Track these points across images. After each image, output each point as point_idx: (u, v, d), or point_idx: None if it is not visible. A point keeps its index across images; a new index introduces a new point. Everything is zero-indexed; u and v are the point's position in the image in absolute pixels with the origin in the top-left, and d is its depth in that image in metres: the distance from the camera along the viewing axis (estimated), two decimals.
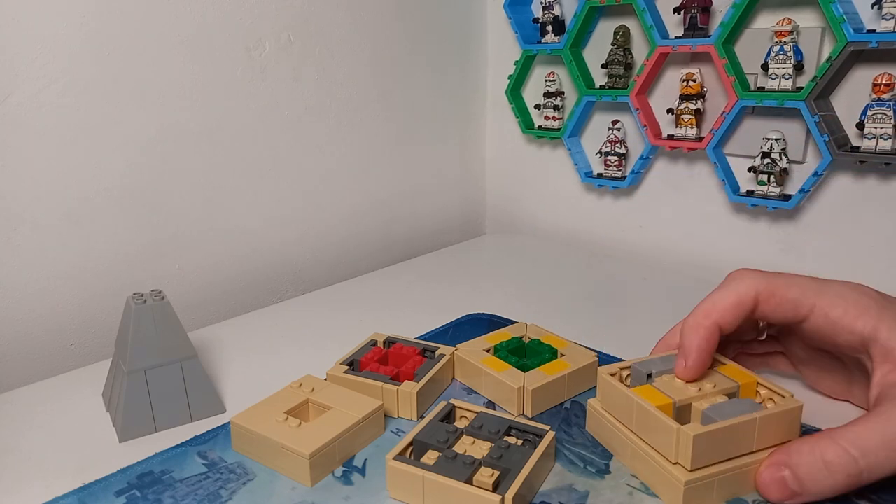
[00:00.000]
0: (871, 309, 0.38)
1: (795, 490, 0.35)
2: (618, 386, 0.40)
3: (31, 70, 0.56)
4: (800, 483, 0.35)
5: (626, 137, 0.84)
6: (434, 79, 0.90)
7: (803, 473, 0.35)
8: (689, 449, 0.35)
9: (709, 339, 0.40)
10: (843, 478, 0.34)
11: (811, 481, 0.35)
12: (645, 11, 0.74)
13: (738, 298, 0.40)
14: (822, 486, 0.35)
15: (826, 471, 0.34)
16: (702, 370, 0.40)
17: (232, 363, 0.56)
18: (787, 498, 0.36)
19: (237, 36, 0.69)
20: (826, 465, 0.34)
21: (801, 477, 0.35)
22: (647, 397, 0.39)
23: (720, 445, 0.36)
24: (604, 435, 0.43)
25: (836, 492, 0.35)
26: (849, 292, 0.39)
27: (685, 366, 0.40)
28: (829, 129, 0.65)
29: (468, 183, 1.00)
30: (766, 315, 0.41)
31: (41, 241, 0.59)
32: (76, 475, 0.41)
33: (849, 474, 0.34)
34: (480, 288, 0.73)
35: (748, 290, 0.40)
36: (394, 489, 0.38)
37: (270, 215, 0.76)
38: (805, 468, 0.35)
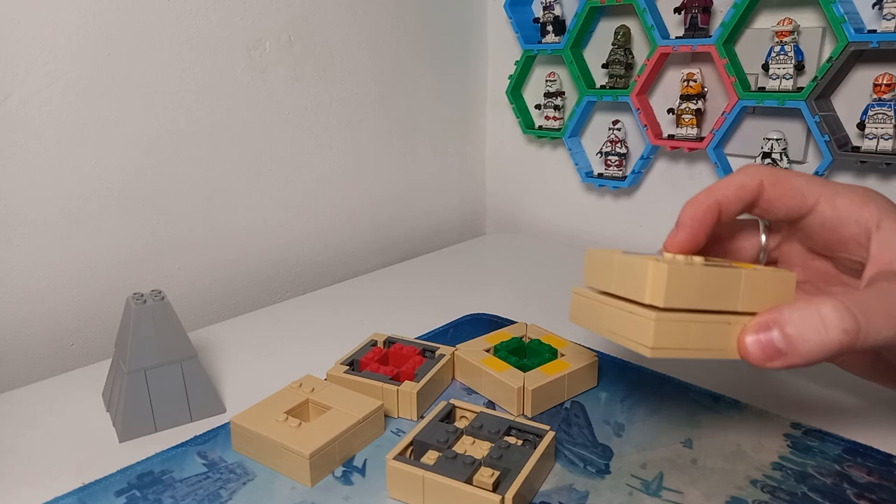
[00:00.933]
0: (875, 200, 0.36)
1: (781, 349, 0.32)
2: (595, 251, 0.37)
3: (31, 70, 0.56)
4: (788, 341, 0.32)
5: (627, 137, 0.84)
6: (434, 79, 0.90)
7: (794, 330, 0.32)
8: (664, 283, 0.32)
9: (706, 213, 0.38)
10: (839, 334, 0.31)
11: (801, 338, 0.31)
12: (645, 11, 0.74)
13: (743, 181, 0.38)
14: (812, 344, 0.31)
15: (821, 324, 0.31)
16: (693, 244, 0.38)
17: (232, 363, 0.56)
18: (770, 358, 0.32)
19: (237, 36, 0.69)
20: (822, 317, 0.31)
21: (790, 335, 0.32)
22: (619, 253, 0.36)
23: (699, 290, 0.33)
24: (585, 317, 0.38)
25: (828, 353, 0.31)
26: (853, 186, 0.38)
27: (677, 236, 0.38)
28: (829, 129, 0.65)
29: (468, 183, 1.00)
30: (771, 203, 0.38)
31: (41, 241, 0.59)
32: (76, 475, 0.41)
33: (845, 330, 0.31)
34: (480, 288, 0.73)
35: (753, 174, 0.38)
36: (394, 489, 0.38)
37: (270, 215, 0.76)
38: (797, 323, 0.32)
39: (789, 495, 0.38)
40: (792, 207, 0.38)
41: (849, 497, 0.37)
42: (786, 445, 0.42)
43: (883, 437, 0.42)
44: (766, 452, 0.41)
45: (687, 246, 0.38)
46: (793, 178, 0.38)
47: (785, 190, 0.38)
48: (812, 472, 0.39)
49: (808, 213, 0.38)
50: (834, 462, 0.40)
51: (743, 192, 0.38)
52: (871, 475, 0.39)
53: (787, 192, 0.38)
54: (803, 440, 0.42)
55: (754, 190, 0.38)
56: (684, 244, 0.38)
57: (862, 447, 0.41)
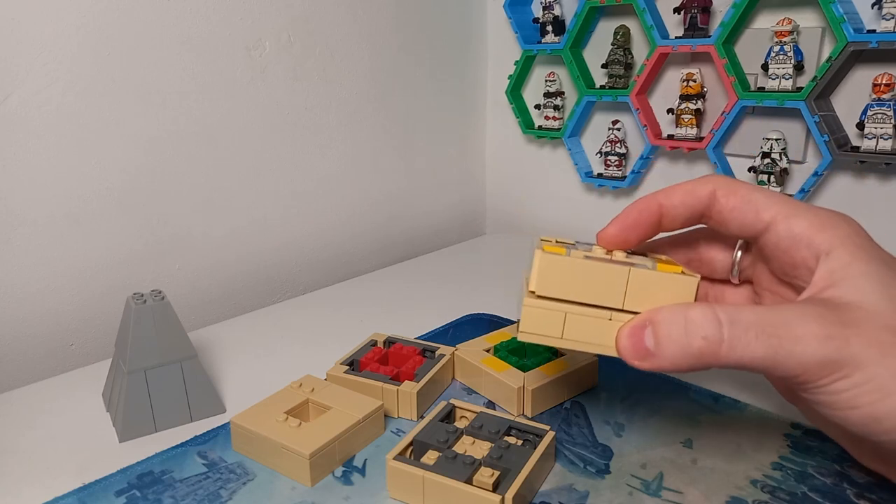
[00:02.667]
0: (835, 226, 0.33)
1: (649, 349, 0.31)
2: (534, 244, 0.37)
3: (32, 70, 0.56)
4: (657, 340, 0.31)
5: (627, 137, 0.84)
6: (434, 79, 0.90)
7: (662, 331, 0.31)
8: (539, 270, 0.33)
9: (641, 210, 0.36)
10: (699, 341, 0.30)
11: (667, 340, 0.31)
12: (645, 11, 0.74)
13: (693, 187, 0.36)
14: (675, 348, 0.31)
15: (684, 328, 0.30)
16: (622, 239, 0.37)
17: (232, 363, 0.56)
18: (639, 357, 0.32)
19: (237, 36, 0.69)
20: (687, 320, 0.30)
21: (659, 334, 0.31)
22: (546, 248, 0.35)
23: (580, 282, 0.33)
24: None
25: (688, 360, 0.30)
26: (818, 209, 0.34)
27: (605, 229, 0.37)
28: (829, 129, 0.65)
29: (468, 183, 1.00)
30: (723, 216, 0.36)
31: (41, 241, 0.59)
32: (76, 475, 0.41)
33: (705, 337, 0.30)
34: (480, 288, 0.73)
35: (706, 182, 0.36)
36: (394, 489, 0.38)
37: (270, 215, 0.76)
38: (665, 325, 0.31)
39: (789, 495, 0.38)
40: (745, 223, 0.36)
41: (849, 497, 0.37)
42: (786, 445, 0.42)
43: None
44: (766, 452, 0.41)
45: (613, 240, 0.37)
46: (751, 192, 0.35)
47: (738, 203, 0.35)
48: (812, 472, 0.39)
49: (763, 231, 0.35)
50: (834, 462, 0.40)
51: (690, 197, 0.36)
52: (871, 475, 0.39)
53: (740, 204, 0.35)
54: (803, 440, 0.43)
55: (704, 198, 0.36)
56: (610, 238, 0.37)
57: None
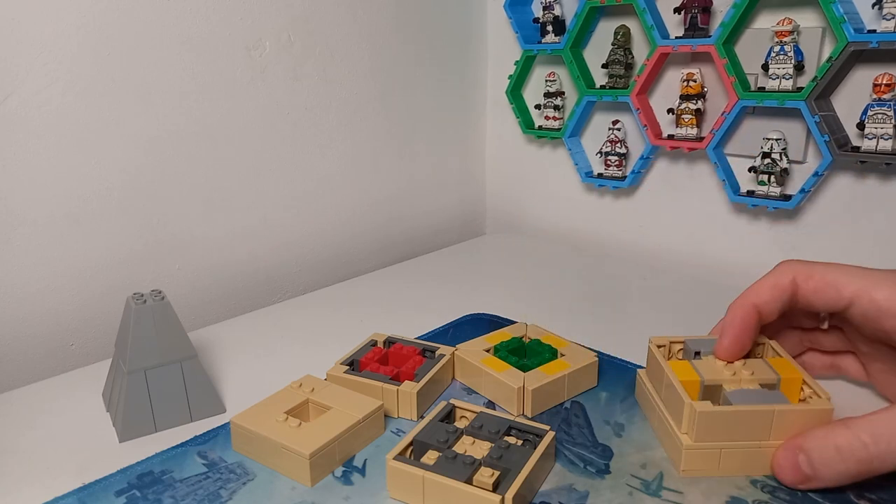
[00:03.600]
0: None
1: (808, 474, 0.36)
2: (658, 357, 0.43)
3: (32, 70, 0.56)
4: (813, 467, 0.35)
5: (627, 137, 0.84)
6: (434, 79, 0.90)
7: (816, 458, 0.35)
8: (695, 423, 0.37)
9: (744, 318, 0.40)
10: (854, 463, 0.34)
11: (823, 466, 0.35)
12: (645, 11, 0.74)
13: (775, 280, 0.40)
14: (833, 472, 0.35)
15: (838, 455, 0.35)
16: (738, 349, 0.41)
17: (232, 363, 0.56)
18: (800, 482, 0.36)
19: (237, 36, 0.69)
20: (837, 449, 0.35)
21: (814, 461, 0.35)
22: (678, 372, 0.40)
23: (730, 428, 0.37)
24: (642, 402, 0.46)
25: (849, 478, 0.35)
26: (892, 274, 0.38)
27: (722, 343, 0.41)
28: (829, 129, 0.65)
29: (468, 183, 1.00)
30: (808, 299, 0.40)
31: (41, 241, 0.59)
32: (76, 475, 0.41)
33: (859, 460, 0.34)
34: (480, 288, 0.73)
35: (785, 272, 0.40)
36: (394, 489, 0.38)
37: (270, 215, 0.76)
38: (817, 452, 0.35)
39: (789, 495, 0.37)
40: (828, 302, 0.39)
41: (849, 497, 0.37)
42: None
43: None
44: None
45: (733, 351, 0.41)
46: (827, 272, 0.39)
47: (818, 285, 0.39)
48: None
49: (847, 307, 0.39)
50: None
51: (777, 291, 0.40)
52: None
53: (820, 286, 0.39)
54: None
55: (787, 288, 0.40)
56: (729, 350, 0.41)
57: None
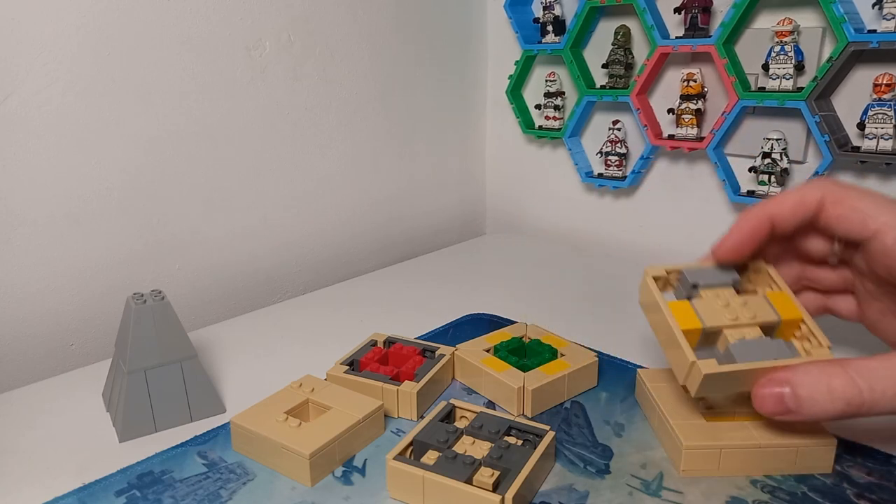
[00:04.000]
0: None
1: (791, 408, 0.35)
2: (657, 296, 0.40)
3: (32, 70, 0.56)
4: (797, 402, 0.35)
5: (627, 137, 0.84)
6: (434, 79, 0.90)
7: (804, 394, 0.34)
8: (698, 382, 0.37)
9: (755, 225, 0.38)
10: (843, 405, 0.34)
11: (810, 402, 0.34)
12: (645, 11, 0.74)
13: (801, 197, 0.38)
14: (818, 409, 0.34)
15: (828, 396, 0.34)
16: (736, 253, 0.39)
17: (232, 363, 0.56)
18: (779, 413, 0.35)
19: (237, 36, 0.69)
20: (830, 390, 0.34)
21: (800, 396, 0.35)
22: (679, 316, 0.38)
23: (730, 383, 0.37)
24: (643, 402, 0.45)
25: (830, 417, 0.35)
26: None
27: (723, 242, 0.39)
28: (829, 129, 0.65)
29: (468, 183, 1.00)
30: (830, 223, 0.38)
31: (41, 241, 0.59)
32: (76, 475, 0.41)
33: (849, 403, 0.34)
34: (480, 288, 0.73)
35: (815, 191, 0.38)
36: (394, 489, 0.38)
37: (270, 215, 0.76)
38: (808, 389, 0.34)
39: (789, 495, 0.38)
40: (852, 231, 0.37)
41: (849, 497, 0.37)
42: None
43: (883, 437, 0.42)
44: None
45: (730, 253, 0.39)
46: (858, 199, 0.37)
47: (846, 211, 0.37)
48: (812, 472, 0.39)
49: (869, 239, 0.37)
50: (834, 462, 0.40)
51: (800, 208, 0.38)
52: (871, 475, 0.39)
53: (847, 213, 0.37)
54: None
55: (813, 207, 0.38)
56: (727, 251, 0.40)
57: (862, 447, 0.41)
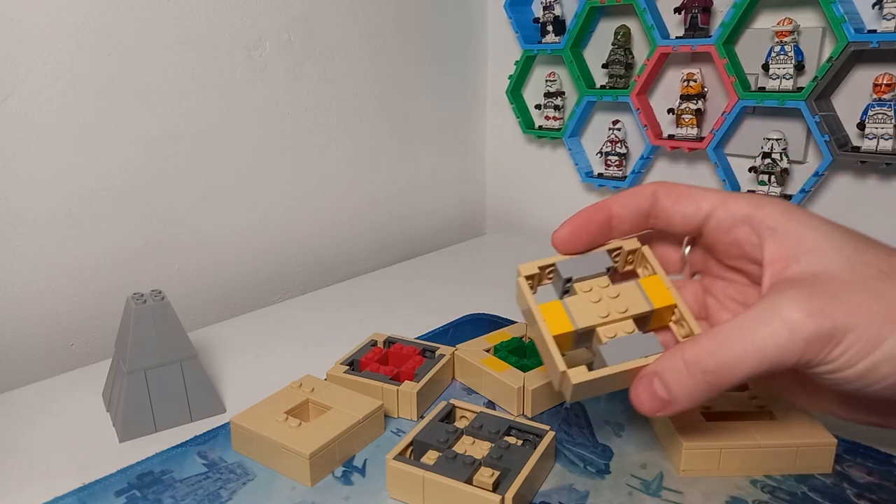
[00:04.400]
0: (772, 203, 0.36)
1: (664, 398, 0.34)
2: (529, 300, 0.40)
3: (32, 70, 0.56)
4: (668, 389, 0.34)
5: (627, 137, 0.84)
6: (434, 79, 0.90)
7: (669, 379, 0.34)
8: (570, 391, 0.36)
9: (592, 214, 0.39)
10: (702, 376, 0.33)
11: (676, 385, 0.34)
12: (646, 11, 0.74)
13: (635, 190, 0.40)
14: (685, 389, 0.34)
15: (686, 370, 0.33)
16: (572, 237, 0.39)
17: (232, 363, 0.56)
18: (659, 408, 0.35)
19: (237, 36, 0.69)
20: (685, 364, 0.33)
21: (668, 382, 0.34)
22: (549, 320, 0.38)
23: (603, 385, 0.37)
24: None
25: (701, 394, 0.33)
26: (757, 194, 0.37)
27: (558, 233, 0.39)
28: (829, 129, 0.65)
29: (468, 183, 1.00)
30: (667, 212, 0.39)
31: (41, 241, 0.59)
32: (76, 475, 0.41)
33: (706, 370, 0.33)
34: (480, 288, 0.73)
35: (646, 185, 0.40)
36: (394, 489, 0.38)
37: (270, 215, 0.76)
38: (669, 373, 0.34)
39: (789, 495, 0.38)
40: (687, 214, 0.38)
41: (849, 497, 0.37)
42: None
43: (883, 437, 0.42)
44: None
45: (566, 240, 0.39)
46: (688, 188, 0.39)
47: (678, 196, 0.39)
48: (812, 472, 0.39)
49: (705, 220, 0.38)
50: (834, 462, 0.40)
51: (635, 197, 0.39)
52: (871, 475, 0.39)
53: (680, 198, 0.39)
54: None
55: (648, 196, 0.39)
56: (563, 238, 0.39)
57: (862, 447, 0.41)
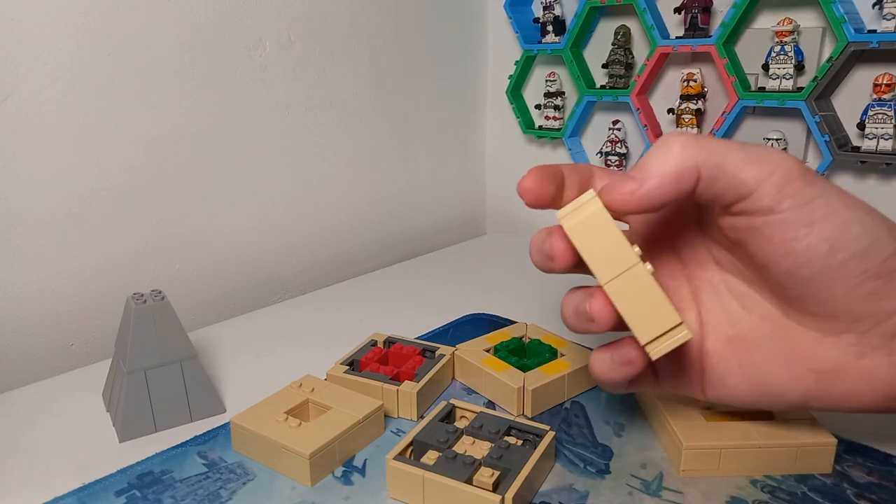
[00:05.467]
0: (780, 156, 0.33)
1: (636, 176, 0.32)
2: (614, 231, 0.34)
3: (32, 70, 0.56)
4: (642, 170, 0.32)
5: (627, 137, 0.84)
6: (434, 79, 0.90)
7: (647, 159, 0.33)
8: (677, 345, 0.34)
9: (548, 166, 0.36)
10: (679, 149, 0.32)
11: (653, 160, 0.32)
12: (645, 11, 0.74)
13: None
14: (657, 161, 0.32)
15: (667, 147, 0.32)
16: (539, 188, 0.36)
17: (232, 363, 0.56)
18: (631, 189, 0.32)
19: (237, 36, 0.69)
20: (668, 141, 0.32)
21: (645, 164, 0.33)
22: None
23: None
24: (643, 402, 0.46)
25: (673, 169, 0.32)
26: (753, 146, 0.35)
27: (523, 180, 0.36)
28: (829, 129, 0.65)
29: (468, 183, 1.00)
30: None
31: (41, 241, 0.59)
32: (76, 475, 0.41)
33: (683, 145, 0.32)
34: (480, 288, 0.73)
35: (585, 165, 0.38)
36: (394, 489, 0.38)
37: (270, 215, 0.76)
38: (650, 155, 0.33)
39: (789, 495, 0.38)
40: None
41: (849, 497, 0.37)
42: None
43: (883, 437, 0.42)
44: None
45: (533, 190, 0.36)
46: None
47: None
48: (812, 472, 0.39)
49: None
50: (834, 462, 0.40)
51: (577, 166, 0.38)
52: (871, 475, 0.39)
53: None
54: None
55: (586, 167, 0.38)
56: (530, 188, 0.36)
57: (862, 447, 0.41)
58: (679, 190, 0.32)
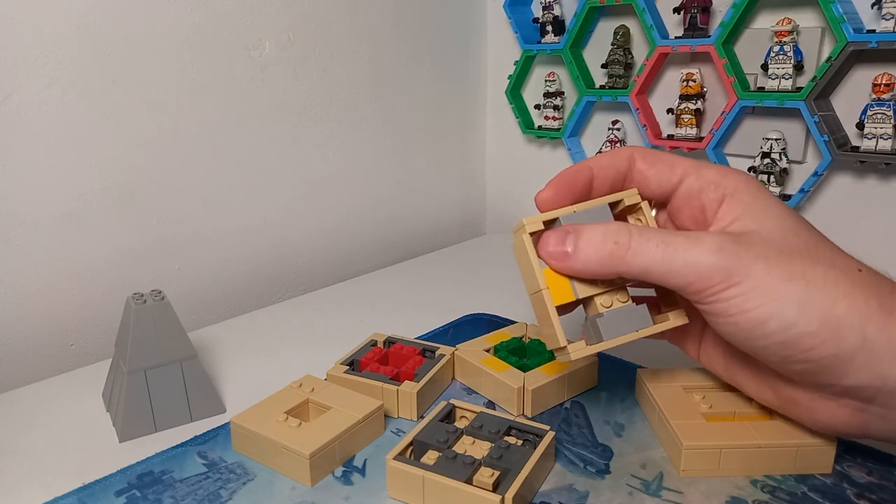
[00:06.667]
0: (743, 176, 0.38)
1: (567, 251, 0.37)
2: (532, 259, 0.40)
3: (32, 70, 0.56)
4: (575, 245, 0.37)
5: (626, 137, 0.84)
6: (434, 79, 0.90)
7: (583, 237, 0.37)
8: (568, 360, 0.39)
9: (574, 175, 0.41)
10: (611, 245, 0.36)
11: (585, 242, 0.37)
12: (645, 11, 0.74)
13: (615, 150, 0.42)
14: (590, 250, 0.36)
15: (602, 235, 0.36)
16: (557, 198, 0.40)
17: (232, 363, 0.56)
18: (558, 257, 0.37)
19: (237, 36, 0.69)
20: (605, 229, 0.36)
21: (579, 240, 0.37)
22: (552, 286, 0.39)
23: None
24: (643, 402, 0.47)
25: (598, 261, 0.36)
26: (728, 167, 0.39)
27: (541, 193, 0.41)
28: (828, 129, 0.65)
29: (468, 183, 1.00)
30: (643, 174, 0.41)
31: (41, 241, 0.59)
32: (76, 475, 0.41)
33: (617, 241, 0.36)
34: (480, 288, 0.73)
35: (625, 149, 0.42)
36: (394, 489, 0.38)
37: (270, 215, 0.76)
38: (587, 232, 0.37)
39: (789, 495, 0.38)
40: (662, 178, 0.40)
41: (849, 497, 0.37)
42: None
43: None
44: None
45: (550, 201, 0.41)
46: (663, 153, 0.41)
47: (654, 161, 0.40)
48: (812, 472, 0.39)
49: (678, 185, 0.40)
50: (834, 462, 0.40)
51: (613, 159, 0.41)
52: (871, 475, 0.39)
53: (656, 162, 0.40)
54: None
55: (625, 159, 0.41)
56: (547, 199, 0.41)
57: (862, 447, 0.41)
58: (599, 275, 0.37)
